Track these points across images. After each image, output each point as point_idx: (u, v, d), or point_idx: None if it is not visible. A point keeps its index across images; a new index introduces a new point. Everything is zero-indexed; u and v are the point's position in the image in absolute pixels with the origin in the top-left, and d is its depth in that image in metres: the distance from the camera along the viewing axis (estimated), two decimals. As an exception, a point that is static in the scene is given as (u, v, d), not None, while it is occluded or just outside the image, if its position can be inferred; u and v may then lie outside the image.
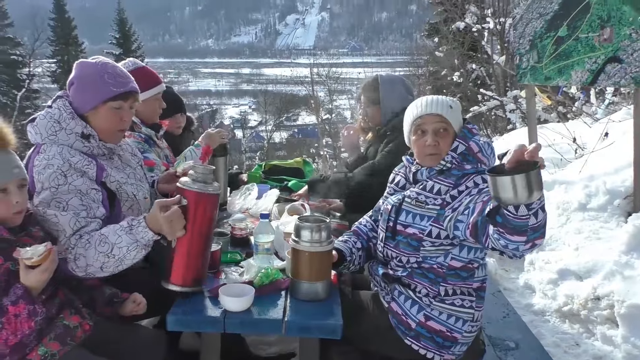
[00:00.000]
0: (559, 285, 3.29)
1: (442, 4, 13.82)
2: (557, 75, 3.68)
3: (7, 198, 1.69)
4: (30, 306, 1.59)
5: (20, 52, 24.71)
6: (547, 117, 7.99)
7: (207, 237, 1.85)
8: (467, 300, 1.87)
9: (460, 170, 1.88)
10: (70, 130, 1.95)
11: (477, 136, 1.94)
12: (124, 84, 2.03)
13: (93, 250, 1.79)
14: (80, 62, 2.06)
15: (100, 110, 2.00)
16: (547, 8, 3.67)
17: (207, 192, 1.79)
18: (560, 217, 3.80)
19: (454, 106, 1.96)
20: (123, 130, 2.11)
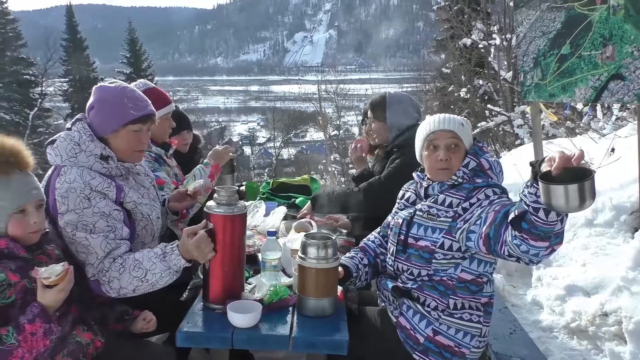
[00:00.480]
0: (567, 301, 3.28)
1: (449, 21, 13.92)
2: (561, 92, 3.71)
3: (25, 218, 1.74)
4: (46, 325, 1.63)
5: (33, 71, 25.11)
6: (555, 133, 8.00)
7: (239, 256, 1.94)
8: (475, 315, 1.90)
9: (471, 184, 1.94)
10: (90, 152, 2.01)
11: (488, 154, 2.02)
12: (143, 107, 2.10)
13: (127, 275, 1.87)
14: (100, 87, 2.13)
15: (120, 132, 2.07)
16: (550, 27, 3.73)
17: (233, 213, 1.88)
18: (567, 233, 3.80)
19: (465, 124, 2.04)
20: (142, 151, 2.18)
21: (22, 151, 1.77)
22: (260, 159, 42.97)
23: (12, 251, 1.71)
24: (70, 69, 31.41)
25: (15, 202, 1.72)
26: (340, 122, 34.16)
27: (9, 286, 1.66)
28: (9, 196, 1.71)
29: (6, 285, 1.66)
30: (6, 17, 24.67)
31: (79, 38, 32.75)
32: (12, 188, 1.71)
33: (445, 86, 14.32)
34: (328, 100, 32.68)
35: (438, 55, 17.47)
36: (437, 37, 17.93)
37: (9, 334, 1.59)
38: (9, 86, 22.72)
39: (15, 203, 1.72)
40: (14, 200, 1.71)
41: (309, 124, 44.43)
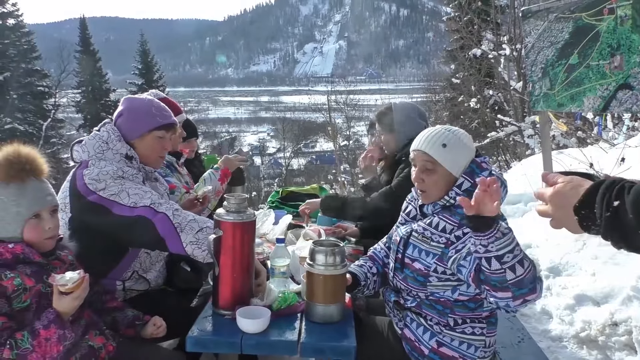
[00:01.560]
0: (576, 310, 3.27)
1: (459, 32, 13.97)
2: (570, 101, 3.72)
3: (40, 224, 1.79)
4: (60, 331, 1.67)
5: (46, 83, 25.48)
6: (566, 143, 7.98)
7: (248, 263, 1.96)
8: (477, 328, 1.87)
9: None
10: (116, 150, 2.16)
11: (487, 171, 1.88)
12: (167, 117, 2.29)
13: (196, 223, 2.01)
14: (129, 97, 2.33)
15: (146, 138, 2.23)
16: (557, 37, 3.75)
17: (242, 221, 1.90)
18: (577, 242, 3.80)
19: (449, 144, 1.88)
20: (163, 157, 2.35)
21: (37, 159, 1.83)
22: (270, 169, 43.10)
23: (28, 256, 1.75)
24: (83, 80, 31.81)
25: (30, 208, 1.77)
26: (350, 133, 34.25)
27: (24, 290, 1.71)
28: (25, 202, 1.76)
29: (22, 290, 1.70)
30: (21, 30, 25.08)
31: (91, 50, 33.18)
32: (27, 194, 1.77)
33: (455, 96, 14.35)
34: (338, 110, 32.81)
35: (448, 65, 17.51)
36: (447, 48, 17.99)
37: (24, 338, 1.62)
38: (23, 97, 23.06)
39: (30, 209, 1.77)
40: (29, 206, 1.77)
41: (318, 134, 44.57)
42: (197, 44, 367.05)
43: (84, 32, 33.55)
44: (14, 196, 1.75)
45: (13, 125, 21.46)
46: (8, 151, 1.79)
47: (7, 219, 1.75)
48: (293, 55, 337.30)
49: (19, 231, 1.76)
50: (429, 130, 1.97)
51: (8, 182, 1.75)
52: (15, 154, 1.78)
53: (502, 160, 12.61)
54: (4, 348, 1.60)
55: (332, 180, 26.53)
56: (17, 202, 1.75)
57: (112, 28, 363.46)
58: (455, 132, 1.93)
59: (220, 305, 1.93)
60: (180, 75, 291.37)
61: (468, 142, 1.92)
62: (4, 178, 1.75)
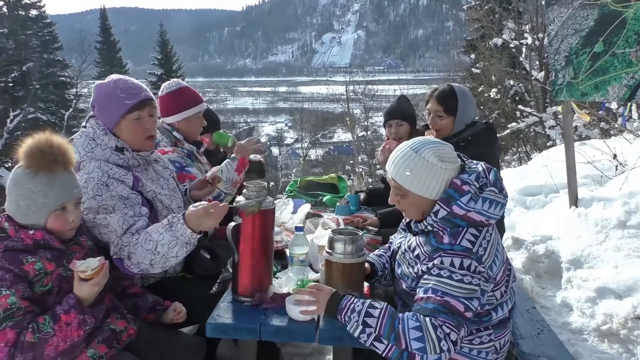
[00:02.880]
0: (598, 303, 3.22)
1: (479, 21, 13.78)
2: (594, 91, 3.65)
3: (64, 215, 1.82)
4: (80, 316, 1.71)
5: (68, 73, 25.80)
6: (588, 134, 7.84)
7: (267, 251, 1.98)
8: (485, 336, 1.81)
9: (437, 242, 1.73)
10: (105, 145, 2.11)
11: (467, 195, 1.68)
12: (136, 94, 2.14)
13: (141, 248, 1.91)
14: (97, 85, 2.22)
15: (122, 124, 2.14)
16: (582, 24, 3.66)
17: (261, 208, 1.91)
18: (599, 234, 3.73)
19: (414, 170, 1.73)
20: (151, 137, 2.23)
21: (68, 149, 1.85)
22: (288, 160, 43.17)
23: (48, 242, 1.79)
24: (103, 70, 32.16)
25: (57, 200, 1.79)
26: (368, 123, 34.08)
27: (45, 274, 1.75)
28: (53, 194, 1.78)
29: (43, 274, 1.74)
30: (43, 21, 25.40)
31: (112, 40, 33.56)
32: (56, 186, 1.79)
33: (475, 86, 14.15)
34: (356, 101, 32.68)
35: (468, 55, 17.26)
36: (467, 37, 17.73)
37: (46, 322, 1.66)
38: (45, 87, 23.39)
39: (57, 201, 1.79)
40: (57, 198, 1.79)
41: (336, 124, 44.51)
42: (215, 34, 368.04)
43: (104, 23, 33.95)
44: (43, 186, 1.77)
45: (36, 115, 21.79)
46: (40, 140, 1.80)
47: (33, 208, 1.77)
48: (311, 45, 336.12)
49: (43, 221, 1.79)
50: (396, 151, 1.83)
51: (37, 171, 1.77)
52: (48, 144, 1.79)
53: (522, 152, 12.44)
54: (26, 331, 1.63)
55: (349, 171, 26.50)
56: (44, 193, 1.77)
57: (132, 19, 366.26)
58: (423, 151, 1.74)
59: (240, 292, 1.96)
60: (199, 65, 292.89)
61: (438, 161, 1.72)
62: (35, 167, 1.77)
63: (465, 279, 1.63)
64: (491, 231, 1.77)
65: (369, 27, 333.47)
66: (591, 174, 4.94)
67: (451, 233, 1.71)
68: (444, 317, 1.58)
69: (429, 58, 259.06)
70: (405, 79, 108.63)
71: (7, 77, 21.16)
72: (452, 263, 1.65)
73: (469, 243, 1.68)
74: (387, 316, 1.64)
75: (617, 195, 3.96)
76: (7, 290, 1.66)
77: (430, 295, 1.63)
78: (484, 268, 1.67)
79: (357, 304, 1.68)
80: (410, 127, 3.30)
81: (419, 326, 1.58)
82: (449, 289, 1.62)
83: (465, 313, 1.61)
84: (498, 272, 1.74)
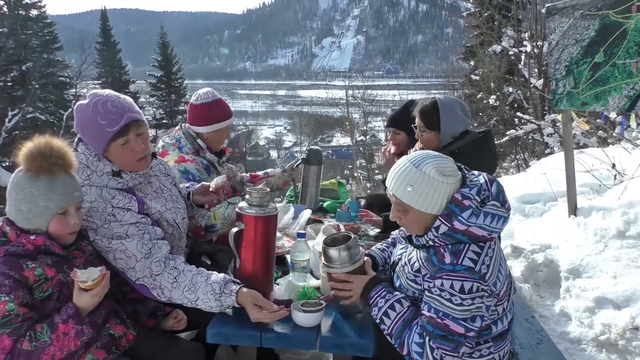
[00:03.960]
0: (596, 313, 3.22)
1: (479, 27, 13.83)
2: (594, 100, 3.66)
3: (65, 219, 1.80)
4: (78, 326, 1.70)
5: (68, 74, 25.80)
6: (586, 142, 7.86)
7: (268, 257, 1.97)
8: (484, 349, 1.80)
9: (439, 261, 1.70)
10: (101, 171, 2.00)
11: (468, 210, 1.67)
12: (117, 119, 1.96)
13: (180, 293, 1.91)
14: (77, 107, 2.04)
15: (110, 150, 2.00)
16: (583, 34, 3.68)
17: (264, 214, 1.91)
18: (598, 244, 3.74)
19: (415, 185, 1.70)
20: (144, 157, 2.08)
21: (68, 153, 1.83)
22: (286, 163, 43.16)
23: (49, 248, 1.78)
24: (103, 71, 32.23)
25: (59, 204, 1.78)
26: (367, 128, 34.14)
27: (45, 280, 1.74)
28: (54, 197, 1.77)
29: (43, 280, 1.73)
30: (44, 21, 25.43)
31: (112, 41, 33.59)
32: (57, 189, 1.77)
33: (474, 93, 14.20)
34: (355, 105, 32.70)
35: (467, 61, 17.33)
36: (467, 44, 17.81)
37: (43, 331, 1.66)
38: (45, 87, 23.38)
39: (59, 204, 1.78)
40: (58, 202, 1.77)
41: (335, 129, 44.56)
42: (216, 37, 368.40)
43: (104, 23, 33.98)
44: (44, 190, 1.75)
45: (35, 115, 21.76)
46: (40, 143, 1.78)
47: (35, 212, 1.76)
48: (311, 49, 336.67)
49: (44, 225, 1.78)
50: (396, 166, 1.78)
51: (38, 174, 1.76)
52: (48, 147, 1.77)
53: (520, 159, 12.47)
54: (23, 339, 1.63)
55: (348, 175, 26.53)
56: (46, 197, 1.76)
57: (132, 20, 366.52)
58: (424, 166, 1.71)
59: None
60: (198, 67, 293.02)
61: (440, 176, 1.69)
62: (35, 170, 1.76)
63: (466, 302, 1.63)
64: (493, 246, 1.75)
65: (369, 32, 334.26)
66: (590, 183, 4.95)
67: (452, 251, 1.69)
68: (440, 342, 1.64)
69: (428, 64, 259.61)
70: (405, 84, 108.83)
71: (7, 77, 21.15)
72: (452, 286, 1.64)
73: (470, 262, 1.66)
74: (401, 322, 1.73)
75: (617, 205, 3.97)
76: (6, 297, 1.65)
77: (432, 315, 1.66)
78: (487, 286, 1.66)
79: (380, 301, 1.78)
80: (407, 136, 3.26)
81: (421, 343, 1.67)
82: (450, 311, 1.64)
83: (467, 333, 1.64)
84: (502, 287, 1.73)
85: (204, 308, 1.89)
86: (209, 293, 1.87)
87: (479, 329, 1.68)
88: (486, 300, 1.67)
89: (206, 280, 1.90)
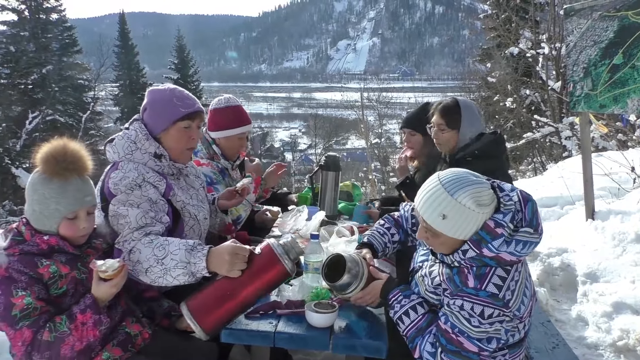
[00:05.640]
0: (614, 318, 3.18)
1: (496, 29, 13.73)
2: (613, 103, 3.62)
3: (76, 223, 1.83)
4: (96, 316, 1.73)
5: (86, 76, 26.12)
6: (605, 145, 7.76)
7: (250, 298, 1.79)
8: (499, 357, 1.75)
9: (462, 283, 1.66)
10: (145, 150, 2.13)
11: (499, 238, 1.59)
12: (191, 105, 2.19)
13: (149, 250, 1.85)
14: (152, 89, 2.25)
15: (171, 130, 2.17)
16: (601, 36, 3.64)
17: (282, 262, 1.77)
18: (616, 248, 3.69)
19: (449, 215, 1.61)
20: (191, 148, 2.26)
21: (82, 157, 1.85)
22: (301, 165, 43.20)
23: (62, 248, 1.81)
24: (121, 74, 32.59)
25: (69, 207, 1.80)
26: (382, 130, 34.03)
27: (60, 277, 1.77)
28: (65, 201, 1.79)
29: (58, 277, 1.76)
30: (63, 25, 25.75)
31: (130, 44, 33.95)
32: (68, 194, 1.80)
33: (490, 95, 14.09)
34: (370, 108, 32.64)
35: (483, 64, 17.19)
36: (483, 46, 17.67)
37: (62, 322, 1.69)
38: (64, 90, 23.68)
39: (68, 208, 1.80)
40: (68, 206, 1.80)
41: (350, 131, 44.43)
42: (231, 40, 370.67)
43: (122, 27, 34.39)
44: (55, 193, 1.78)
45: (54, 117, 22.05)
46: (56, 147, 1.81)
47: (46, 214, 1.79)
48: (326, 52, 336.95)
49: (55, 227, 1.81)
50: (427, 189, 1.68)
51: (52, 177, 1.79)
52: (62, 152, 1.80)
53: (537, 162, 12.34)
54: (43, 330, 1.66)
55: (362, 177, 26.47)
56: (57, 200, 1.78)
57: (149, 23, 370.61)
58: (460, 195, 1.61)
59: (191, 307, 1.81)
60: (214, 70, 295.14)
61: (476, 207, 1.60)
62: (49, 173, 1.79)
63: (484, 326, 1.60)
64: (520, 268, 1.68)
65: (385, 34, 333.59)
66: (608, 187, 4.89)
67: (477, 274, 1.63)
68: (451, 357, 1.65)
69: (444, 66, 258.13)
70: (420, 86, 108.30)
71: (27, 80, 21.49)
72: (472, 308, 1.60)
73: (495, 288, 1.60)
74: (414, 331, 1.76)
75: (635, 209, 3.92)
76: (23, 292, 1.68)
77: (447, 328, 1.66)
78: (509, 312, 1.61)
79: (396, 306, 1.81)
80: (422, 138, 3.25)
81: (433, 352, 1.69)
82: (466, 329, 1.62)
83: (481, 352, 1.63)
84: (526, 310, 1.67)
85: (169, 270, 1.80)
86: (180, 245, 1.82)
87: (493, 351, 1.65)
88: (506, 325, 1.64)
89: (180, 240, 1.88)
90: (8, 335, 1.71)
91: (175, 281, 1.83)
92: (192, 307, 1.76)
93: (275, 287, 1.85)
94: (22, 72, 21.25)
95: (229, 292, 1.76)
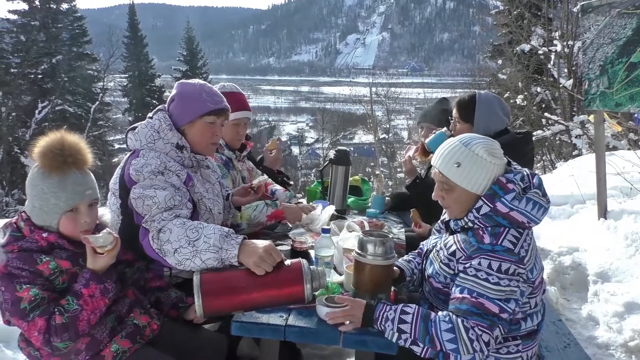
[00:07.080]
0: (625, 318, 3.15)
1: (508, 26, 13.61)
2: (629, 101, 3.57)
3: (77, 217, 1.80)
4: (100, 285, 1.73)
5: (96, 67, 26.20)
6: (616, 144, 7.68)
7: (259, 301, 1.80)
8: (512, 346, 1.78)
9: (477, 241, 1.73)
10: (167, 140, 2.15)
11: (512, 193, 1.70)
12: (218, 102, 2.22)
13: (182, 231, 1.85)
14: (182, 82, 2.28)
15: (196, 124, 2.19)
16: (619, 33, 3.58)
17: (304, 285, 1.78)
18: (629, 247, 3.65)
19: (463, 162, 1.75)
20: (215, 144, 2.29)
21: (80, 150, 1.83)
22: (308, 159, 43.15)
23: (62, 245, 1.79)
24: (130, 65, 32.66)
25: (68, 202, 1.78)
26: (390, 126, 33.93)
27: (61, 273, 1.76)
28: (64, 196, 1.77)
29: (58, 272, 1.75)
30: (74, 15, 25.82)
31: (139, 36, 34.00)
32: (67, 188, 1.77)
33: (500, 92, 13.96)
34: (378, 103, 32.53)
35: (494, 60, 17.06)
36: (494, 42, 17.53)
37: (70, 302, 1.69)
38: (73, 80, 23.77)
39: (68, 202, 1.78)
40: (67, 200, 1.78)
41: (358, 126, 44.36)
42: (240, 32, 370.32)
43: (132, 18, 34.43)
44: (54, 188, 1.76)
45: (63, 107, 22.16)
46: (53, 140, 1.79)
47: (45, 209, 1.77)
48: (335, 45, 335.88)
49: (55, 222, 1.79)
50: (445, 144, 1.83)
51: (50, 172, 1.77)
52: (59, 145, 1.78)
53: (547, 160, 12.25)
54: (54, 315, 1.66)
55: (369, 173, 26.42)
56: (56, 195, 1.76)
57: (159, 15, 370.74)
58: (473, 145, 1.76)
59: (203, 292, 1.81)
60: (223, 62, 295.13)
61: (488, 155, 1.74)
62: (47, 167, 1.77)
63: (503, 282, 1.63)
64: (531, 235, 1.76)
65: (394, 29, 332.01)
66: (620, 186, 4.84)
67: (492, 233, 1.71)
68: (476, 320, 1.60)
69: (453, 62, 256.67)
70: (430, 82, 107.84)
71: (37, 69, 21.62)
72: (489, 265, 1.65)
73: (510, 244, 1.67)
74: (420, 320, 1.67)
75: (648, 209, 3.87)
76: (28, 284, 1.68)
77: (465, 295, 1.65)
78: (524, 269, 1.67)
79: (390, 312, 1.70)
80: None
81: (451, 328, 1.61)
82: (485, 290, 1.63)
83: (501, 314, 1.62)
84: (537, 276, 1.73)
85: (199, 253, 1.81)
86: (216, 230, 1.84)
87: (512, 312, 1.65)
88: (522, 286, 1.66)
89: (215, 226, 1.89)
90: (22, 328, 1.71)
91: (203, 265, 1.83)
92: (204, 281, 1.76)
93: (284, 304, 1.83)
94: (32, 61, 21.35)
95: (243, 285, 1.77)
